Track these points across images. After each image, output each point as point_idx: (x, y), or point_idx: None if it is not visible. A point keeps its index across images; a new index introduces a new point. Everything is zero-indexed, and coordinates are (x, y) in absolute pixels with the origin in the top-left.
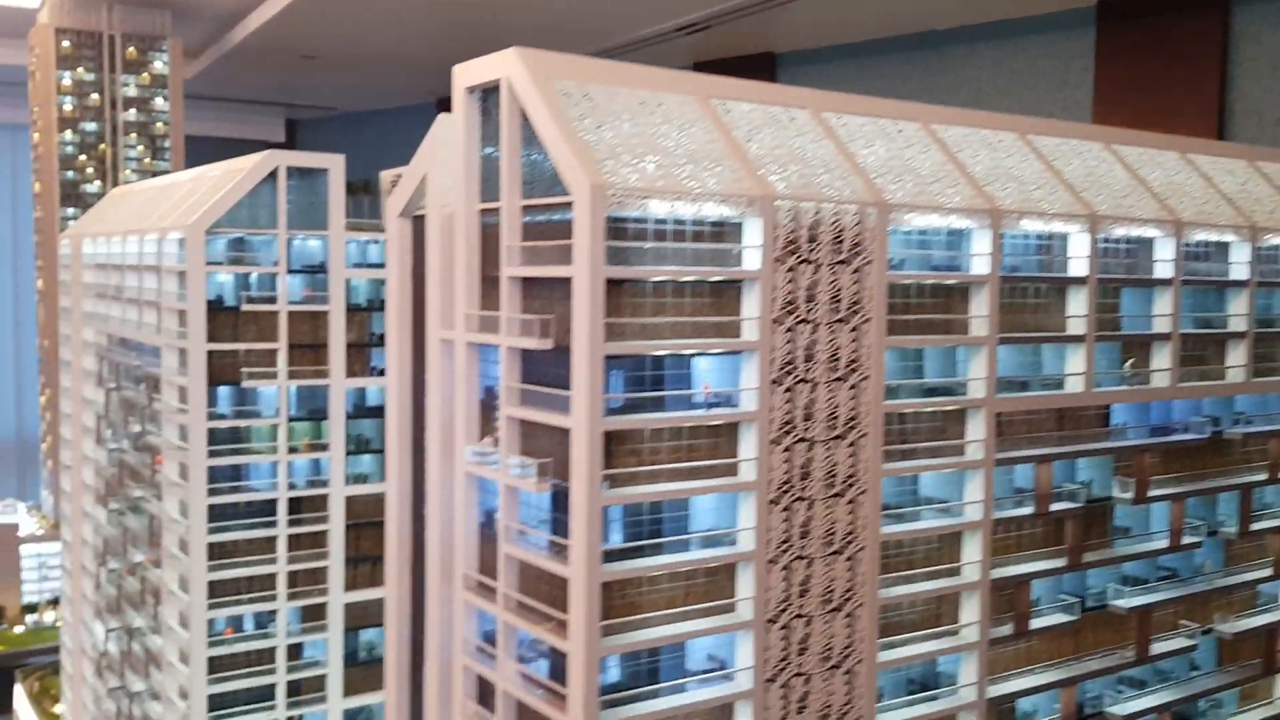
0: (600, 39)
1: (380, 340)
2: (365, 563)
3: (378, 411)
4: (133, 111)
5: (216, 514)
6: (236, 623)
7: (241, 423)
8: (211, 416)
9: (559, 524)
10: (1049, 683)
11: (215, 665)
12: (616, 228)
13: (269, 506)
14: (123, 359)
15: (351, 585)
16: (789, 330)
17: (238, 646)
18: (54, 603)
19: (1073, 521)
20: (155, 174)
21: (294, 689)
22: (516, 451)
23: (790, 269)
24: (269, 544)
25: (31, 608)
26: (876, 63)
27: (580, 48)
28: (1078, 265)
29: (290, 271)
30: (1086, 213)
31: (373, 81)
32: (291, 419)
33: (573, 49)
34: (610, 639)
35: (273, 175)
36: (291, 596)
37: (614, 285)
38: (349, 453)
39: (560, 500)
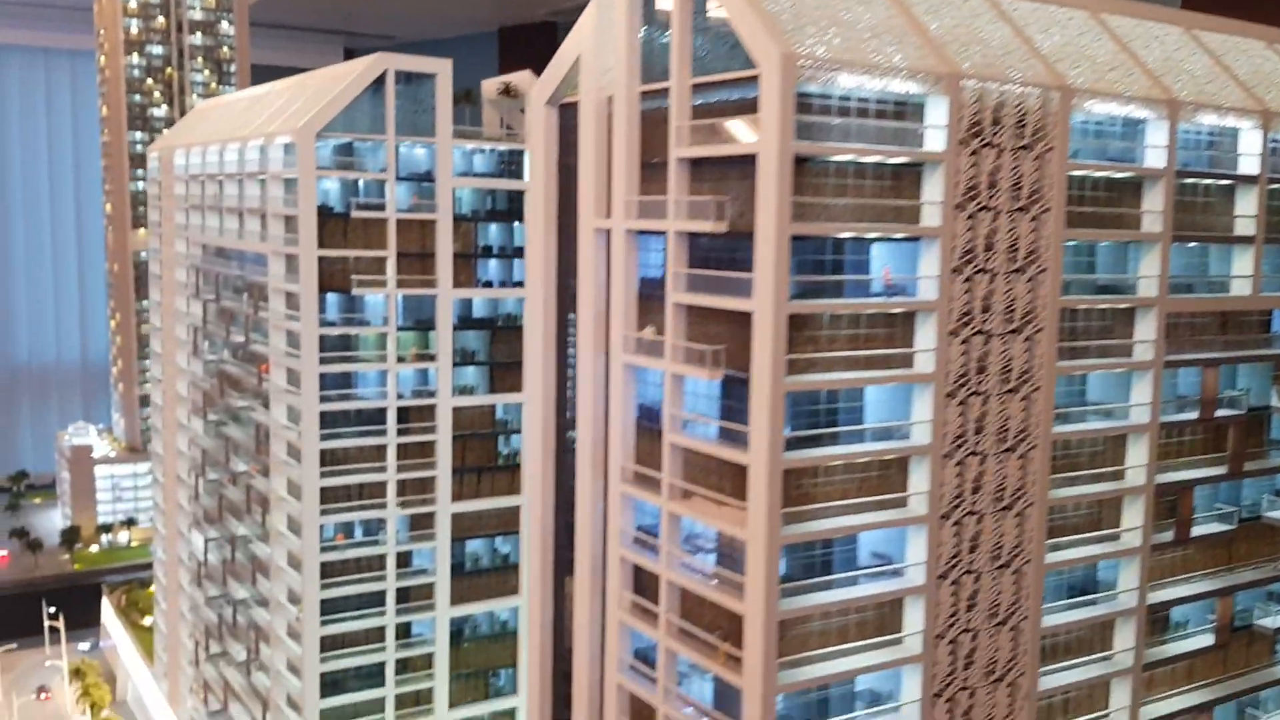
0: None
1: (486, 251)
2: (471, 474)
3: (483, 324)
4: (199, 35)
5: (326, 421)
6: (346, 530)
7: (352, 330)
8: (321, 324)
9: (731, 412)
10: (1206, 591)
11: (325, 571)
12: (801, 103)
13: (377, 415)
14: (222, 269)
15: (458, 496)
16: (970, 217)
17: (349, 553)
18: (128, 523)
19: (1235, 429)
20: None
21: (402, 596)
22: (684, 339)
23: (973, 152)
24: (377, 452)
25: (106, 527)
26: None
27: None
28: (1248, 163)
29: (397, 179)
30: (1260, 109)
31: (434, 9)
32: (399, 329)
33: None
34: (788, 528)
35: (379, 81)
36: (400, 505)
37: (797, 164)
38: (455, 364)
39: (732, 388)
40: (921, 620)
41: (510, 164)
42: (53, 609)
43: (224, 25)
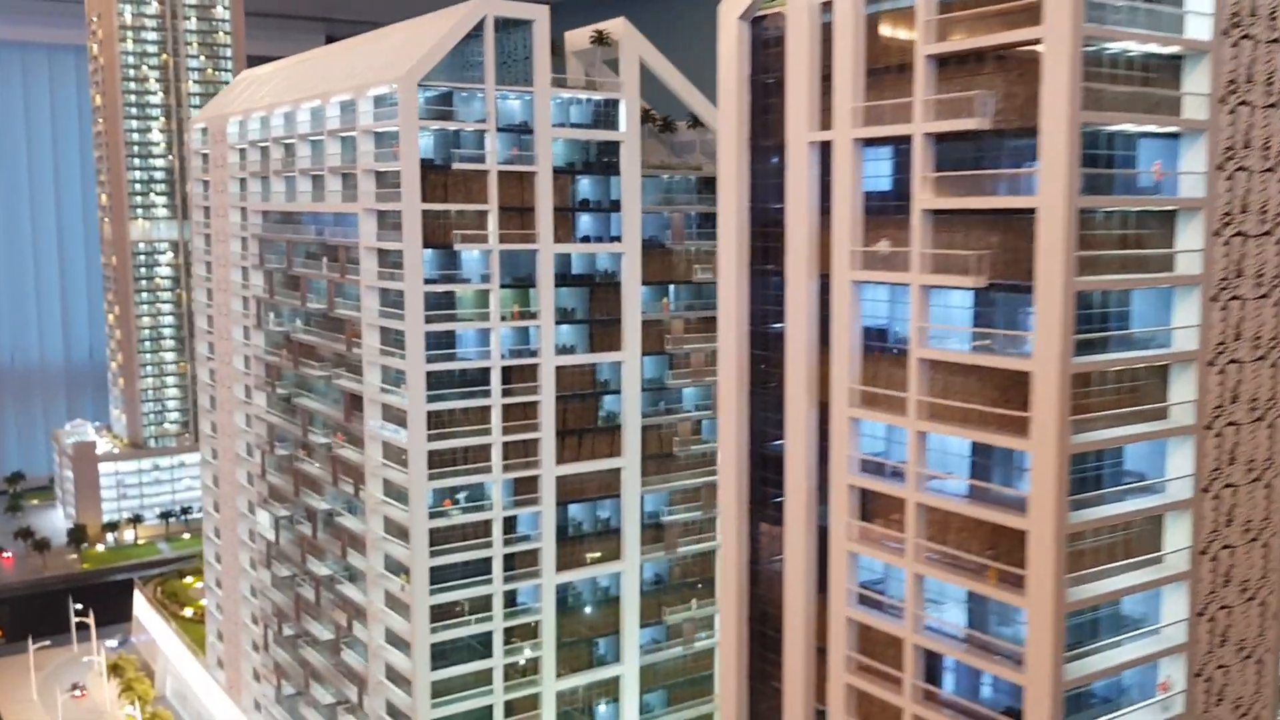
0: None
1: (583, 205)
2: (572, 436)
3: (581, 280)
4: (193, 19)
5: (429, 384)
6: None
7: (455, 288)
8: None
9: (989, 321)
10: None
11: (432, 539)
12: None
13: (478, 376)
14: (292, 235)
15: (559, 459)
16: (1231, 112)
17: (456, 519)
18: (135, 520)
19: None
20: (217, 85)
21: (508, 563)
22: (929, 246)
23: (1234, 44)
24: (480, 415)
25: (113, 525)
26: None
27: None
28: None
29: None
30: None
31: None
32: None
33: None
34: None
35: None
36: (505, 469)
37: None
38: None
39: (989, 296)
40: (1186, 536)
41: (605, 115)
42: (79, 605)
43: (219, 10)
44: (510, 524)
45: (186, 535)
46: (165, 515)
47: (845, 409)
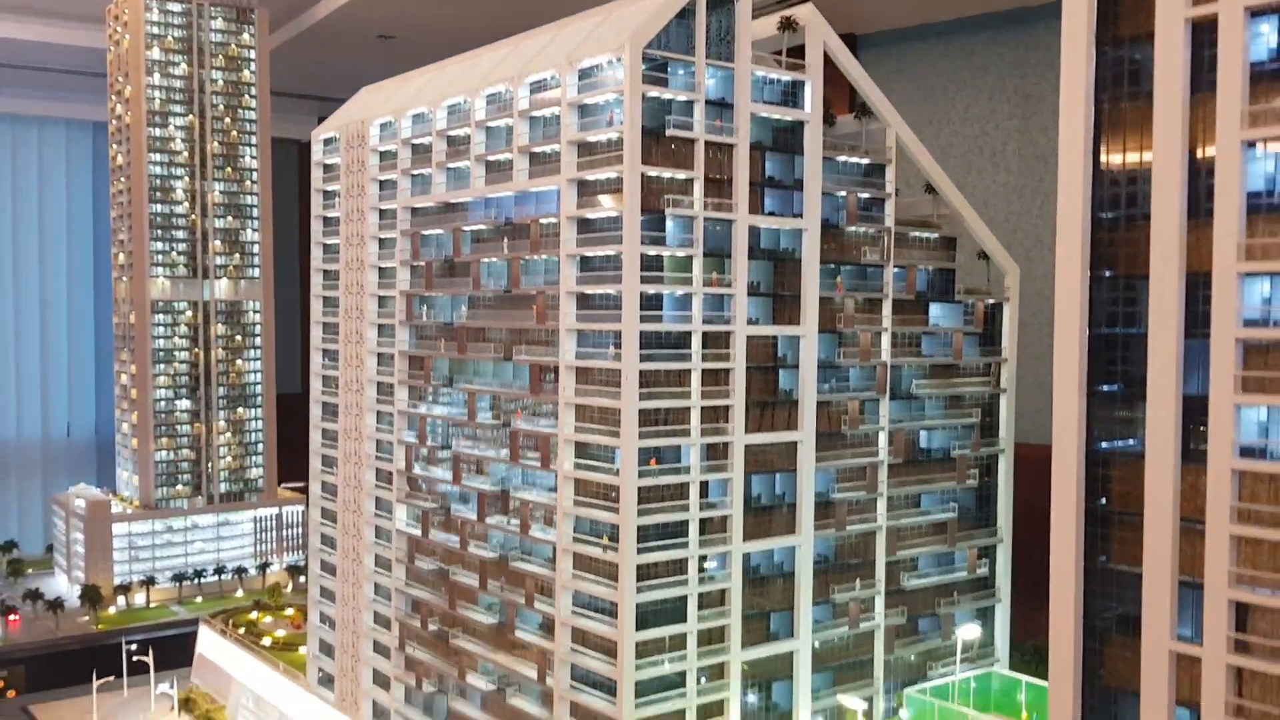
0: None
1: (770, 182)
2: (755, 407)
3: (767, 254)
4: (219, 75)
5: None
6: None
7: (665, 251)
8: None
9: None
10: None
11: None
12: None
13: (680, 339)
14: (458, 224)
15: (747, 428)
16: None
17: (656, 480)
18: (148, 582)
19: None
20: (239, 148)
21: (700, 529)
22: None
23: None
24: (680, 378)
25: (124, 588)
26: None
27: None
28: None
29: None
30: None
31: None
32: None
33: None
34: None
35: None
36: (701, 434)
37: None
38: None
39: None
40: None
41: (792, 95)
42: (133, 646)
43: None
44: (704, 489)
45: (199, 599)
46: (178, 578)
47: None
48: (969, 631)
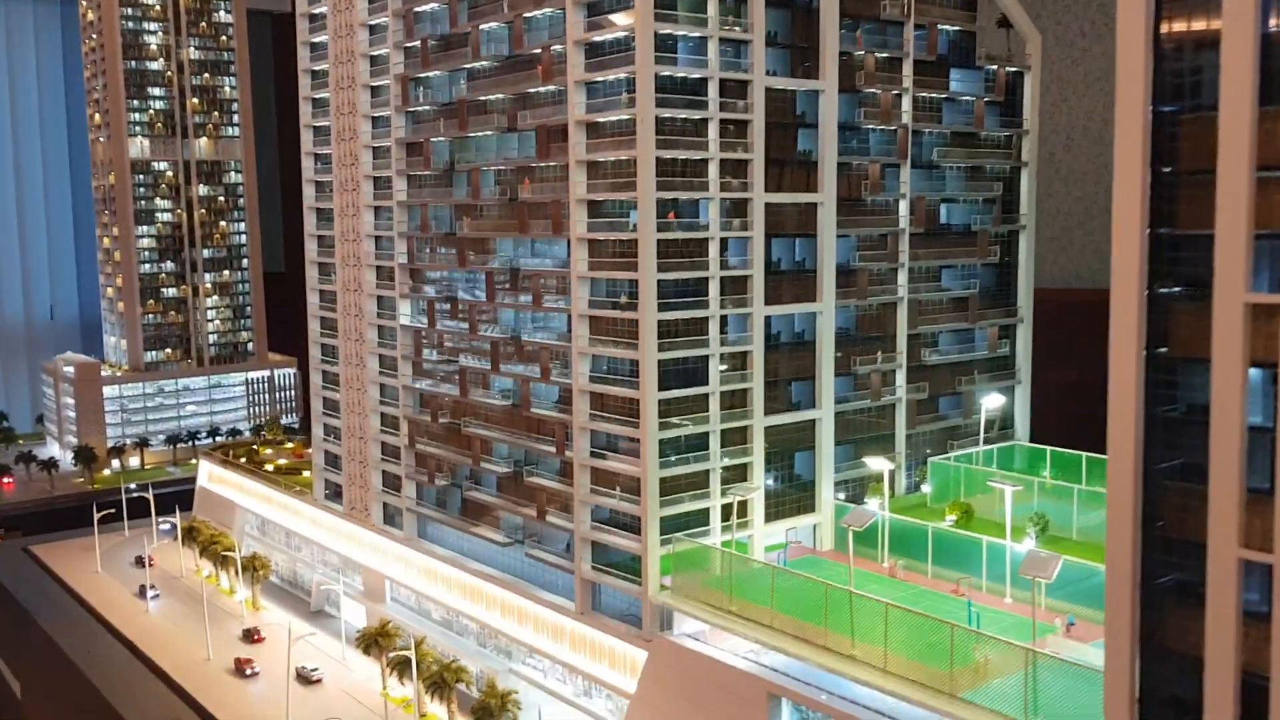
0: None
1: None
2: (775, 165)
3: (784, 3)
4: None
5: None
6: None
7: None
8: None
9: None
10: None
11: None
12: None
13: (696, 86)
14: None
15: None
16: None
17: (676, 235)
18: (141, 444)
19: None
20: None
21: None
22: None
23: None
24: (696, 127)
25: (118, 450)
26: None
27: None
28: None
29: None
30: None
31: None
32: None
33: None
34: None
35: None
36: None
37: None
38: None
39: None
40: None
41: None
42: (132, 486)
43: None
44: (722, 246)
45: (194, 461)
46: (172, 440)
47: None
48: (992, 400)
